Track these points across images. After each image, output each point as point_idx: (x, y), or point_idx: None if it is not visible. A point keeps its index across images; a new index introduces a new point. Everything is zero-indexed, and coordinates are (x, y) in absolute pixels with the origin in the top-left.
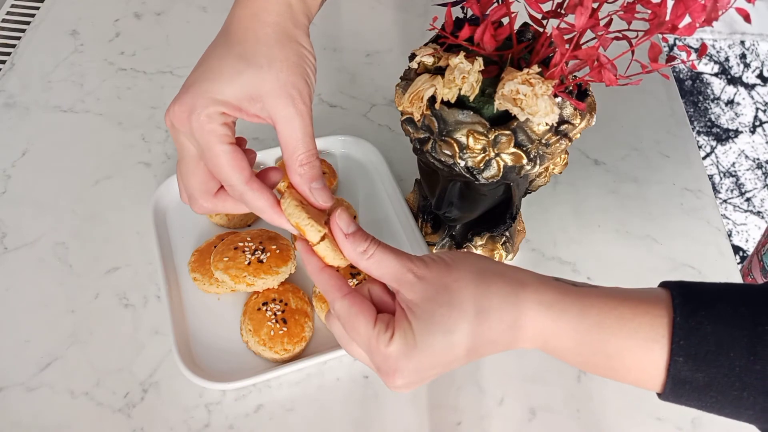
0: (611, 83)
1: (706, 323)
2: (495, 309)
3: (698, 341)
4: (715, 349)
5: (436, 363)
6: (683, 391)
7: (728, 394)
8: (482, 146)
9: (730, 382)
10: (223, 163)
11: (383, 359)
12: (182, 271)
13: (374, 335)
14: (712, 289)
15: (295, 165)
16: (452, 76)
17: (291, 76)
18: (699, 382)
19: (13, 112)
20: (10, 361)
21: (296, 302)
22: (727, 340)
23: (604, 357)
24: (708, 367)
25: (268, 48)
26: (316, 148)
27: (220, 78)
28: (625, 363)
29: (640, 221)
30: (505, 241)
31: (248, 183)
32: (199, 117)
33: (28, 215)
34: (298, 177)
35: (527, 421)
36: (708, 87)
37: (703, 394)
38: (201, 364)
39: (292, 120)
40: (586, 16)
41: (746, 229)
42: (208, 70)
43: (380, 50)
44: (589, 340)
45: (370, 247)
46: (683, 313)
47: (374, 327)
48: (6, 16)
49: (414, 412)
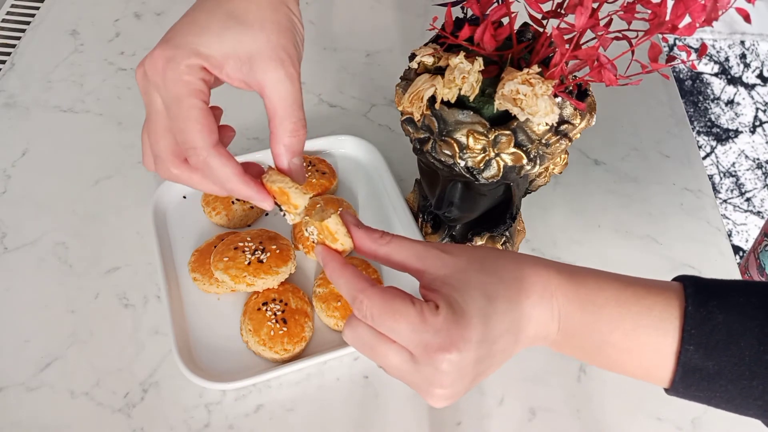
0: (611, 83)
1: (718, 312)
2: (528, 276)
3: (709, 330)
4: (726, 338)
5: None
6: (693, 380)
7: (737, 383)
8: (482, 146)
9: (740, 371)
10: (191, 119)
11: (434, 333)
12: (182, 271)
13: (417, 311)
14: (724, 283)
15: (283, 134)
16: (452, 76)
17: (282, 39)
18: (709, 371)
19: (13, 112)
20: (10, 361)
21: (296, 302)
22: (738, 330)
23: (622, 335)
24: (719, 356)
25: (259, 9)
26: (305, 119)
27: (208, 32)
28: (641, 341)
29: (640, 221)
30: (505, 241)
31: (214, 147)
32: (178, 66)
33: (28, 215)
34: (283, 147)
35: (527, 421)
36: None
37: (713, 383)
38: (201, 364)
39: (283, 84)
40: (586, 16)
41: (746, 229)
42: (194, 24)
43: (380, 50)
44: (607, 313)
45: (385, 234)
46: (695, 303)
47: (414, 304)
48: (6, 16)
49: (414, 412)
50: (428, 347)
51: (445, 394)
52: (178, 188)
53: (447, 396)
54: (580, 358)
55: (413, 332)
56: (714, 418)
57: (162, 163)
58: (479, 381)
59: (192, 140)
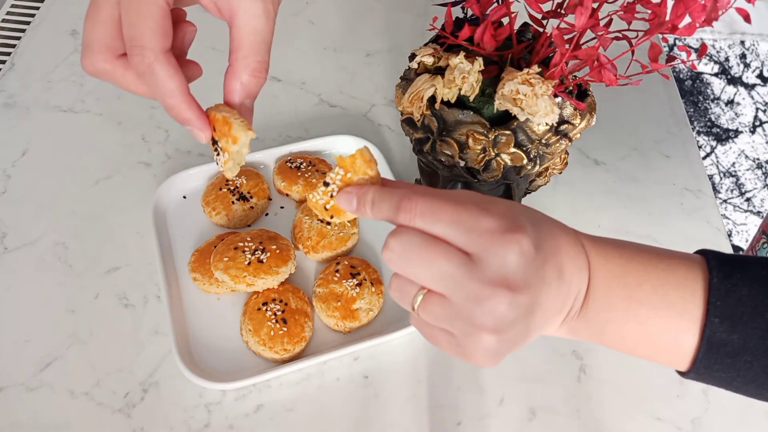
0: (611, 83)
1: (742, 285)
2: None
3: (734, 302)
4: (752, 310)
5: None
6: (717, 357)
7: (762, 359)
8: (482, 146)
9: (766, 345)
10: (148, 15)
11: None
12: (182, 271)
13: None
14: (745, 258)
15: (243, 71)
16: (452, 75)
17: None
18: (734, 345)
19: (13, 112)
20: (10, 361)
21: (296, 302)
22: (764, 302)
23: (650, 289)
24: (744, 329)
25: None
26: (269, 62)
27: None
28: (669, 299)
29: (640, 221)
30: None
31: (164, 53)
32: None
33: (28, 215)
34: (239, 85)
35: (527, 421)
36: (708, 87)
37: (737, 359)
38: (201, 364)
39: (258, 19)
40: (587, 16)
41: (746, 229)
42: None
43: (380, 50)
44: (634, 267)
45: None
46: (719, 275)
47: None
48: (6, 16)
49: (414, 412)
50: (493, 233)
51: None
52: (178, 188)
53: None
54: (606, 330)
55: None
56: (714, 418)
57: (91, 54)
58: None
59: (141, 37)
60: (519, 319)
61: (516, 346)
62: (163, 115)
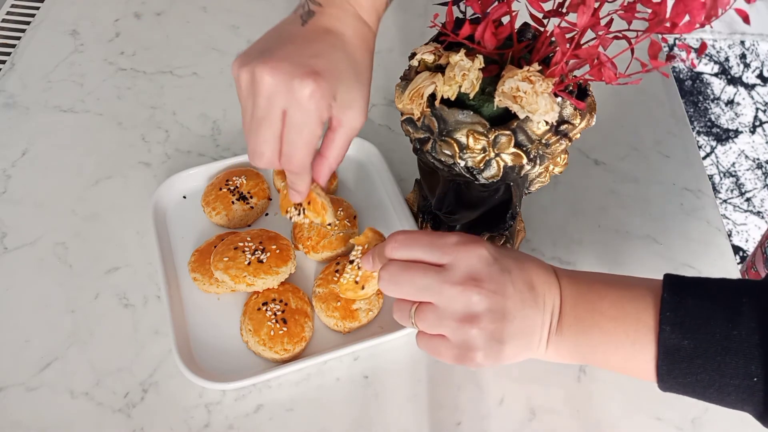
0: (610, 81)
1: (689, 297)
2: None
3: (683, 313)
4: (697, 319)
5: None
6: (674, 362)
7: (713, 361)
8: (482, 146)
9: (713, 349)
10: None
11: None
12: (182, 271)
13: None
14: (701, 278)
15: (334, 162)
16: (452, 73)
17: (369, 97)
18: (686, 350)
19: (13, 112)
20: (10, 361)
21: (296, 302)
22: (708, 312)
23: (609, 303)
24: (692, 335)
25: (368, 72)
26: None
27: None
28: (625, 309)
29: (640, 221)
30: (505, 241)
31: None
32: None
33: (28, 215)
34: (328, 169)
35: (527, 421)
36: (708, 87)
37: (692, 363)
38: (201, 364)
39: (354, 132)
40: (588, 15)
41: (746, 229)
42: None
43: (380, 50)
44: (597, 287)
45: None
46: (670, 291)
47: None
48: (6, 16)
49: (414, 412)
50: (457, 244)
51: (482, 294)
52: (178, 188)
53: (486, 299)
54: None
55: (443, 238)
56: (714, 418)
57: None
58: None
59: (300, 162)
60: (494, 310)
61: (505, 346)
62: (163, 115)
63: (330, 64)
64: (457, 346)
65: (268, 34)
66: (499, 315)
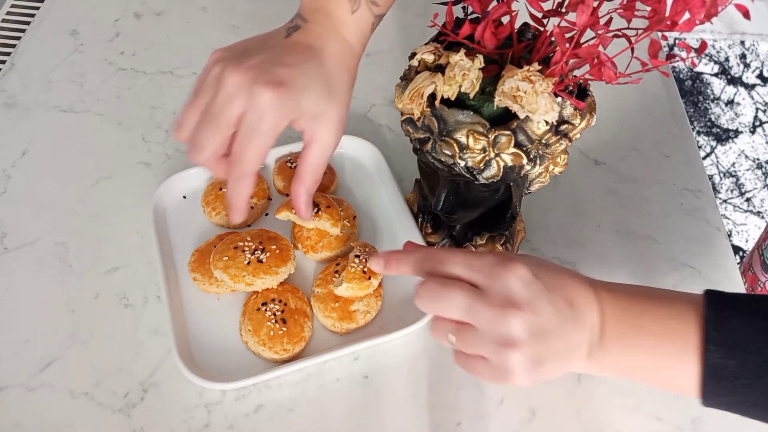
0: (610, 80)
1: (733, 316)
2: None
3: (728, 332)
4: (744, 338)
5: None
6: (719, 381)
7: (760, 381)
8: (482, 146)
9: (761, 369)
10: (261, 151)
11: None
12: (182, 271)
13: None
14: (740, 294)
15: (308, 180)
16: (453, 72)
17: (345, 116)
18: (732, 369)
19: (13, 112)
20: (10, 361)
21: (296, 302)
22: (754, 330)
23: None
24: (738, 354)
25: (345, 90)
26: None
27: (309, 95)
28: (669, 325)
29: (640, 221)
30: (505, 241)
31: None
32: (281, 111)
33: (28, 215)
34: (304, 188)
35: (527, 421)
36: (708, 87)
37: (737, 383)
38: (201, 364)
39: (328, 149)
40: (588, 14)
41: (746, 229)
42: (305, 83)
43: (380, 50)
44: (639, 301)
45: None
46: (712, 308)
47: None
48: (6, 16)
49: (414, 412)
50: (494, 265)
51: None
52: (178, 188)
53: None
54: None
55: (480, 258)
56: (714, 419)
57: (200, 154)
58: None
59: (248, 165)
60: (534, 332)
61: (545, 367)
62: (163, 115)
63: (298, 75)
64: (496, 368)
65: (254, 38)
66: (539, 337)
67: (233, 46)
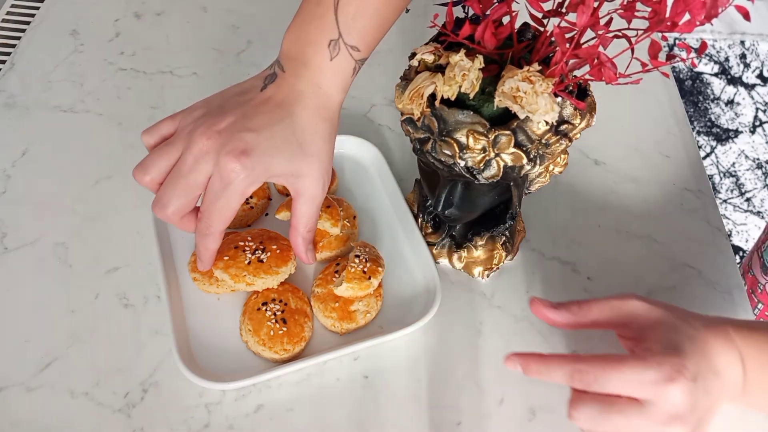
0: (610, 80)
1: None
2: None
3: None
4: None
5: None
6: None
7: None
8: (482, 146)
9: None
10: (227, 215)
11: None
12: (182, 271)
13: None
14: None
15: (303, 230)
16: (452, 73)
17: (328, 165)
18: None
19: (13, 112)
20: (10, 361)
21: (296, 302)
22: None
23: None
24: None
25: (322, 142)
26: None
27: (279, 156)
28: None
29: (640, 221)
30: (505, 241)
31: (220, 235)
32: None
33: (28, 215)
34: (301, 239)
35: (527, 421)
36: (708, 87)
37: None
38: (201, 364)
39: (315, 200)
40: (588, 14)
41: (746, 229)
42: (273, 147)
43: (380, 50)
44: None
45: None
46: None
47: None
48: (6, 16)
49: (414, 412)
50: (657, 383)
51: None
52: None
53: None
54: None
55: (639, 373)
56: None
57: (164, 210)
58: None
59: (213, 225)
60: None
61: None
62: (163, 115)
63: (265, 141)
64: None
65: (232, 88)
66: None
67: (212, 99)
